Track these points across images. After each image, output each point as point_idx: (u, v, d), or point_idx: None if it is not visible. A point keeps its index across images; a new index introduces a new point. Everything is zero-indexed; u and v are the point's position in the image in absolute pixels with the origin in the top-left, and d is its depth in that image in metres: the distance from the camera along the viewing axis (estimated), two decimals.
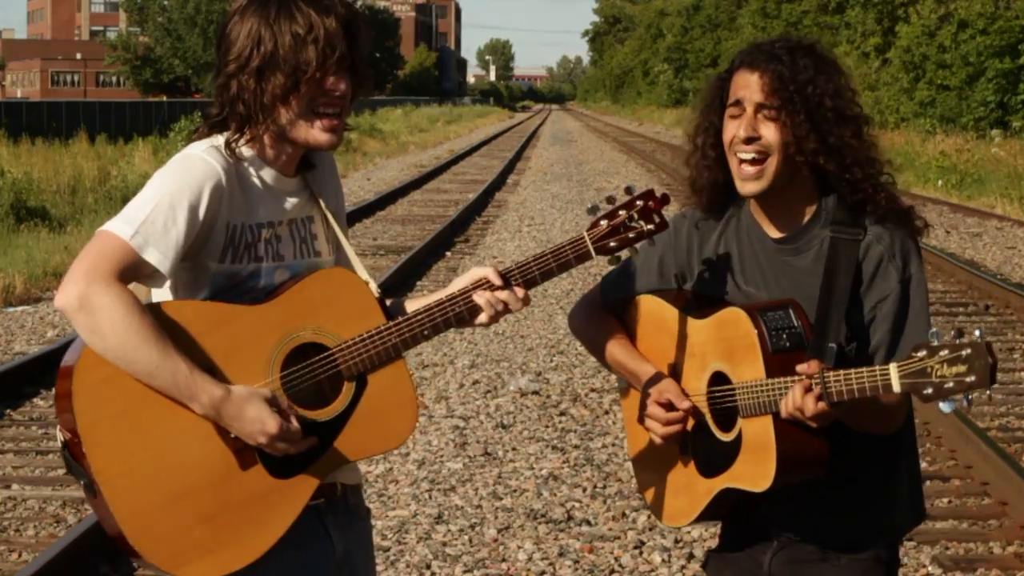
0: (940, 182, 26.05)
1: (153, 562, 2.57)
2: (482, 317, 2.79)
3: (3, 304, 12.73)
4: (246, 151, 2.73)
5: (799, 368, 2.70)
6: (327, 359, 2.70)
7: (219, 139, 2.72)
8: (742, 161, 2.84)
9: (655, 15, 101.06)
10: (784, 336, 2.78)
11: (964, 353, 2.53)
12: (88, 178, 24.06)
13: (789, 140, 2.81)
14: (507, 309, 2.79)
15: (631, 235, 2.83)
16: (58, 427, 2.61)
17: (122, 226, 2.59)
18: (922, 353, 2.57)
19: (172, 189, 2.62)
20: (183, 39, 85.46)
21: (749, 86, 2.84)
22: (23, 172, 21.30)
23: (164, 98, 68.21)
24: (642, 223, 2.83)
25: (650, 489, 3.12)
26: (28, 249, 15.86)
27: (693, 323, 2.94)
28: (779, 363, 2.76)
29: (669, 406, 2.91)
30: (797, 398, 2.69)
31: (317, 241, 2.85)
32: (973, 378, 2.52)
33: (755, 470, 2.80)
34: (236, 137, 2.71)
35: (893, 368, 2.60)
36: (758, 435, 2.79)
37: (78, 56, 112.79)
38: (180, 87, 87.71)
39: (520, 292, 2.79)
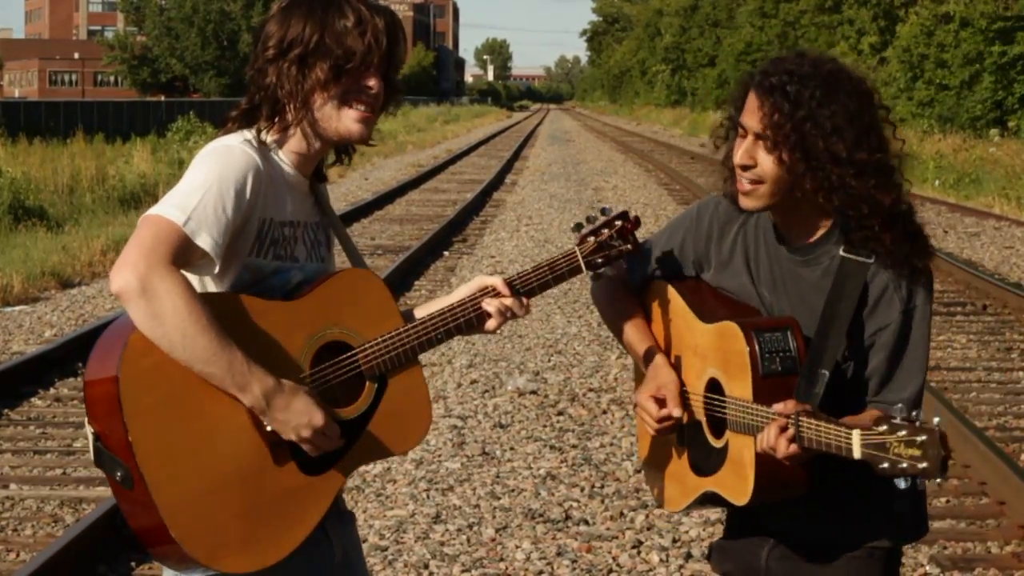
0: (937, 182, 26.06)
1: (193, 555, 2.55)
2: (490, 323, 2.87)
3: (1, 304, 12.72)
4: (274, 147, 2.77)
5: (776, 407, 2.70)
6: (352, 358, 2.74)
7: (248, 134, 2.75)
8: (740, 179, 2.85)
9: (653, 15, 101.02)
10: (778, 360, 2.78)
11: (919, 439, 2.50)
12: (86, 178, 24.02)
13: (784, 174, 2.80)
14: (513, 316, 2.88)
15: (613, 253, 2.98)
16: (86, 421, 2.59)
17: (173, 211, 2.58)
18: (883, 428, 2.54)
19: (219, 175, 2.63)
20: (181, 39, 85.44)
21: (751, 112, 2.82)
22: (21, 172, 21.27)
23: (162, 98, 68.21)
24: (620, 242, 2.98)
25: (650, 471, 3.18)
26: (26, 249, 15.85)
27: (699, 325, 2.95)
28: (769, 387, 2.76)
29: (663, 403, 2.94)
30: (771, 437, 2.69)
31: (322, 248, 2.90)
32: (925, 465, 2.50)
33: (735, 484, 2.83)
34: (267, 126, 2.74)
35: (856, 435, 2.58)
36: (740, 452, 2.82)
37: (76, 56, 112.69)
38: (178, 87, 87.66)
39: (524, 300, 2.90)
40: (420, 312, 2.90)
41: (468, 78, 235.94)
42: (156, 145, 31.19)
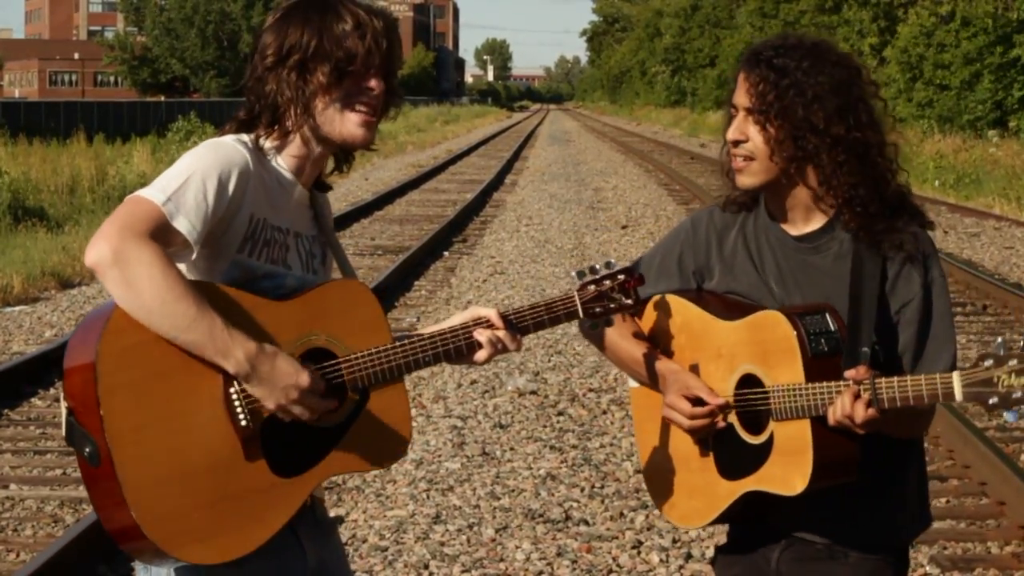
0: (937, 182, 26.07)
1: (152, 538, 2.54)
2: (480, 354, 2.84)
3: (1, 304, 12.72)
4: (273, 152, 2.77)
5: (848, 374, 2.70)
6: (335, 367, 2.73)
7: (245, 136, 2.76)
8: (734, 156, 2.90)
9: (653, 15, 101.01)
10: (823, 341, 2.79)
11: None
12: (86, 178, 24.05)
13: (770, 145, 2.84)
14: (504, 349, 2.86)
15: (612, 306, 2.94)
16: (62, 396, 2.59)
17: (154, 192, 2.60)
18: (989, 363, 2.57)
19: (204, 165, 2.65)
20: (181, 39, 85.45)
21: (741, 90, 2.88)
22: (21, 172, 21.31)
23: (162, 98, 68.22)
24: (621, 298, 2.94)
25: (661, 489, 3.10)
26: (26, 249, 15.86)
27: (722, 324, 2.93)
28: (819, 368, 2.76)
29: (696, 402, 2.91)
30: (847, 405, 2.69)
31: (316, 261, 2.89)
32: None
33: (788, 473, 2.80)
34: (267, 133, 2.75)
35: (956, 377, 2.60)
36: (792, 439, 2.79)
37: (76, 56, 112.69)
38: (178, 87, 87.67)
39: (517, 335, 2.86)
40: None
41: (468, 78, 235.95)
42: (156, 145, 31.20)
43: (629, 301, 2.95)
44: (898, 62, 39.17)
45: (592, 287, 2.93)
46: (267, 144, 2.76)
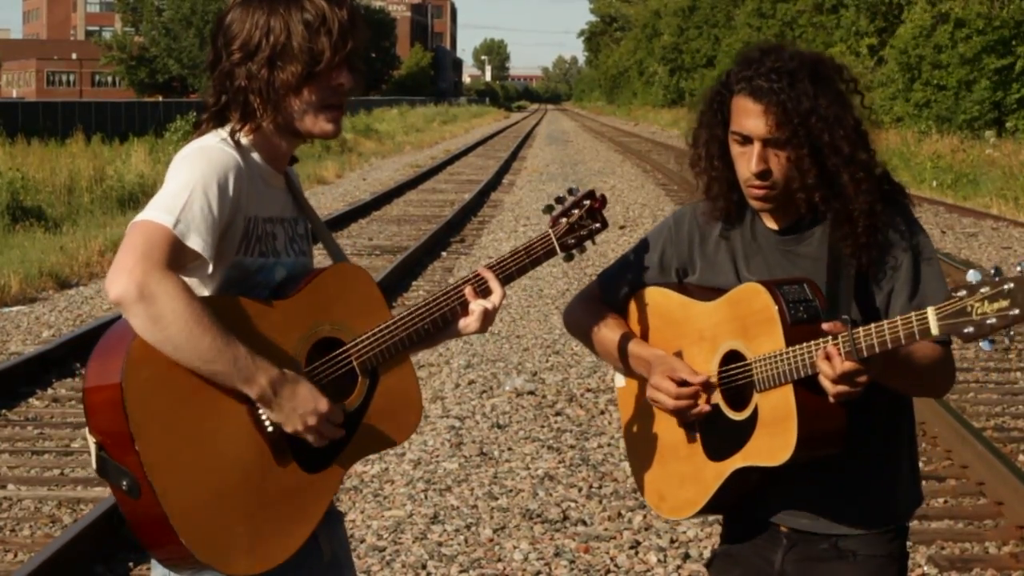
0: (935, 182, 26.09)
1: (203, 559, 2.56)
2: (471, 321, 2.88)
3: None
4: (247, 145, 2.75)
5: (825, 326, 2.69)
6: (344, 354, 2.76)
7: (223, 132, 2.73)
8: (757, 187, 2.86)
9: (651, 15, 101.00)
10: (802, 308, 2.79)
11: (1006, 288, 2.51)
12: (84, 178, 24.00)
13: (794, 172, 2.82)
14: (493, 312, 2.91)
15: (583, 233, 3.05)
16: (87, 431, 2.59)
17: (162, 215, 2.58)
18: (961, 293, 2.54)
19: (201, 176, 2.62)
20: (178, 39, 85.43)
21: (752, 118, 2.81)
22: (19, 172, 21.25)
23: (160, 98, 68.15)
24: (590, 222, 3.05)
25: (651, 483, 3.10)
26: (24, 249, 15.85)
27: (702, 307, 2.95)
28: (798, 334, 2.76)
29: (682, 383, 2.90)
30: (824, 363, 2.68)
31: (303, 242, 2.90)
32: (1017, 311, 2.49)
33: (773, 443, 2.79)
34: (239, 127, 2.73)
35: (931, 311, 2.57)
36: (777, 407, 2.79)
37: (74, 56, 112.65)
38: (175, 87, 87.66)
39: (499, 291, 2.93)
40: None
41: (466, 78, 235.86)
42: (154, 145, 31.14)
43: (597, 224, 3.05)
44: (897, 62, 39.18)
45: (563, 220, 3.03)
46: (243, 139, 2.74)
